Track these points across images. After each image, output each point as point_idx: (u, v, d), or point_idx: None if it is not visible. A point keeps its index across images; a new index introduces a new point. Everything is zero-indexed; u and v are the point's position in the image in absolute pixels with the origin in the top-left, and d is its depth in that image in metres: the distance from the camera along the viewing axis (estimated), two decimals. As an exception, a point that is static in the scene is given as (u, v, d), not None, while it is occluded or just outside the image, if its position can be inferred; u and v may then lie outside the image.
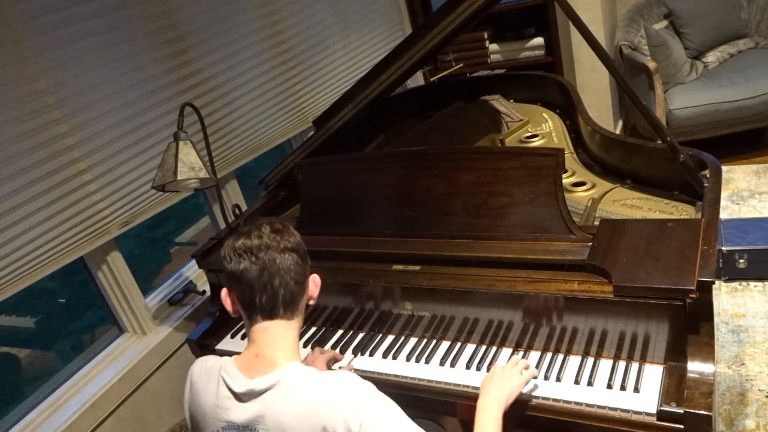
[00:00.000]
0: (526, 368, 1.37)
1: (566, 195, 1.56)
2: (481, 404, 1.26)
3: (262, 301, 1.18)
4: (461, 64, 3.53)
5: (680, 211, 1.65)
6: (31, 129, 1.82)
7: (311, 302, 1.28)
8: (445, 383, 1.50)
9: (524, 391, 1.39)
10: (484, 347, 1.57)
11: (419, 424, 1.12)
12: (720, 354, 2.32)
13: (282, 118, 2.74)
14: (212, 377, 1.20)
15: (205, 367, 1.24)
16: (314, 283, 1.28)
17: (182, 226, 5.73)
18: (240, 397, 1.15)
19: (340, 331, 1.77)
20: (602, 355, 1.44)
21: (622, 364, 1.40)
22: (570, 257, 1.45)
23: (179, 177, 1.75)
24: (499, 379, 1.31)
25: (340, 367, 1.62)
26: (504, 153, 1.69)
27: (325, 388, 1.11)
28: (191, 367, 1.27)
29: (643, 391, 1.32)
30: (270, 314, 1.19)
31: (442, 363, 1.55)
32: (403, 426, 1.09)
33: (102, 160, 2.02)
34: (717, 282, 2.67)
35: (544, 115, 2.36)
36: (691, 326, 1.29)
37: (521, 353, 1.51)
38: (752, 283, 2.64)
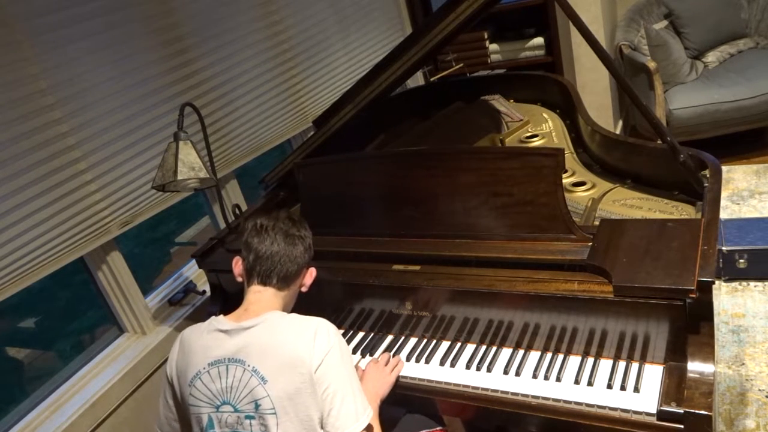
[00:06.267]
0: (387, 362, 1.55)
1: (566, 195, 1.56)
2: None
3: (262, 269, 1.41)
4: (461, 64, 3.53)
5: (680, 211, 1.65)
6: (31, 129, 1.82)
7: (303, 289, 1.51)
8: (445, 383, 1.50)
9: (523, 391, 1.40)
10: (484, 347, 1.57)
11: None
12: (720, 354, 2.32)
13: (282, 118, 2.74)
14: (202, 328, 1.40)
15: (194, 326, 1.43)
16: (310, 274, 1.51)
17: (182, 226, 5.74)
18: (228, 332, 1.34)
19: (341, 331, 1.77)
20: (602, 355, 1.44)
21: (622, 364, 1.40)
22: (570, 257, 1.45)
23: (179, 177, 1.75)
24: (379, 377, 1.50)
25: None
26: (504, 153, 1.69)
27: (301, 323, 1.34)
28: (181, 332, 1.44)
29: (643, 391, 1.32)
30: (264, 281, 1.42)
31: (442, 363, 1.55)
32: (352, 373, 1.35)
33: (102, 160, 2.02)
34: (717, 282, 2.67)
35: (544, 115, 2.36)
36: (691, 326, 1.29)
37: (521, 353, 1.52)
38: (752, 283, 2.64)
